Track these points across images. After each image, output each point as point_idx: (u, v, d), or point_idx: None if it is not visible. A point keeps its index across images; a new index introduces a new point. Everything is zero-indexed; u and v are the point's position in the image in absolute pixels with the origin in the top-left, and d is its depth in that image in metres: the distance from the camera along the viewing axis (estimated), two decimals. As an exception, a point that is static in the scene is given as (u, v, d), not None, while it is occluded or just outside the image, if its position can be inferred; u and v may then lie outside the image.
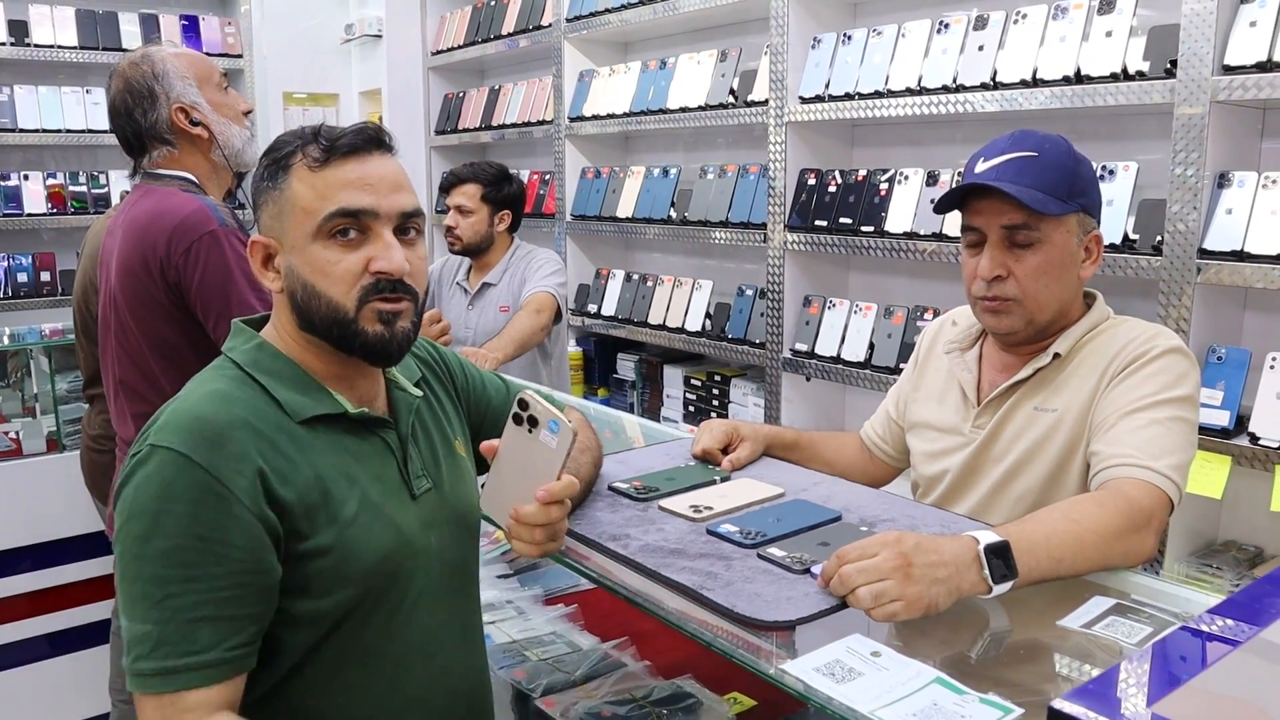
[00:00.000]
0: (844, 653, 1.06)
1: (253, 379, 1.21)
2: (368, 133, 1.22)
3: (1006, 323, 1.58)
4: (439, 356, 1.48)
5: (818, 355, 3.04)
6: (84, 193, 4.56)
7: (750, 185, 3.30)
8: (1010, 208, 1.51)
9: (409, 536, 1.24)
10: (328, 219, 1.18)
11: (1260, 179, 2.12)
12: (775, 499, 1.51)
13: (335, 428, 1.23)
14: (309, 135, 1.22)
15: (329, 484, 1.18)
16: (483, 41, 4.69)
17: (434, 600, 1.29)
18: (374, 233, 1.20)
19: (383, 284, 1.20)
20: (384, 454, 1.27)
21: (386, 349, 1.22)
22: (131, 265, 1.98)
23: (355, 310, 1.19)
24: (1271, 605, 1.06)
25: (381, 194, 1.20)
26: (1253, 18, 2.09)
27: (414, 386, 1.35)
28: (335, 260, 1.19)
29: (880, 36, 2.84)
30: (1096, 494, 1.39)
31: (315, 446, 1.19)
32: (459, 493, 1.35)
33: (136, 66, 2.11)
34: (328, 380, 1.24)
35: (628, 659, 1.78)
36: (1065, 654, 1.16)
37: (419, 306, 1.26)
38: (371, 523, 1.21)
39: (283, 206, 1.21)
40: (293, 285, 1.21)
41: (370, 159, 1.21)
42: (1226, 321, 2.32)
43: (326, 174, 1.19)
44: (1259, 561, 2.29)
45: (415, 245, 1.25)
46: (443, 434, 1.38)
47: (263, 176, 1.24)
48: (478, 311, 3.28)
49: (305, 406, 1.20)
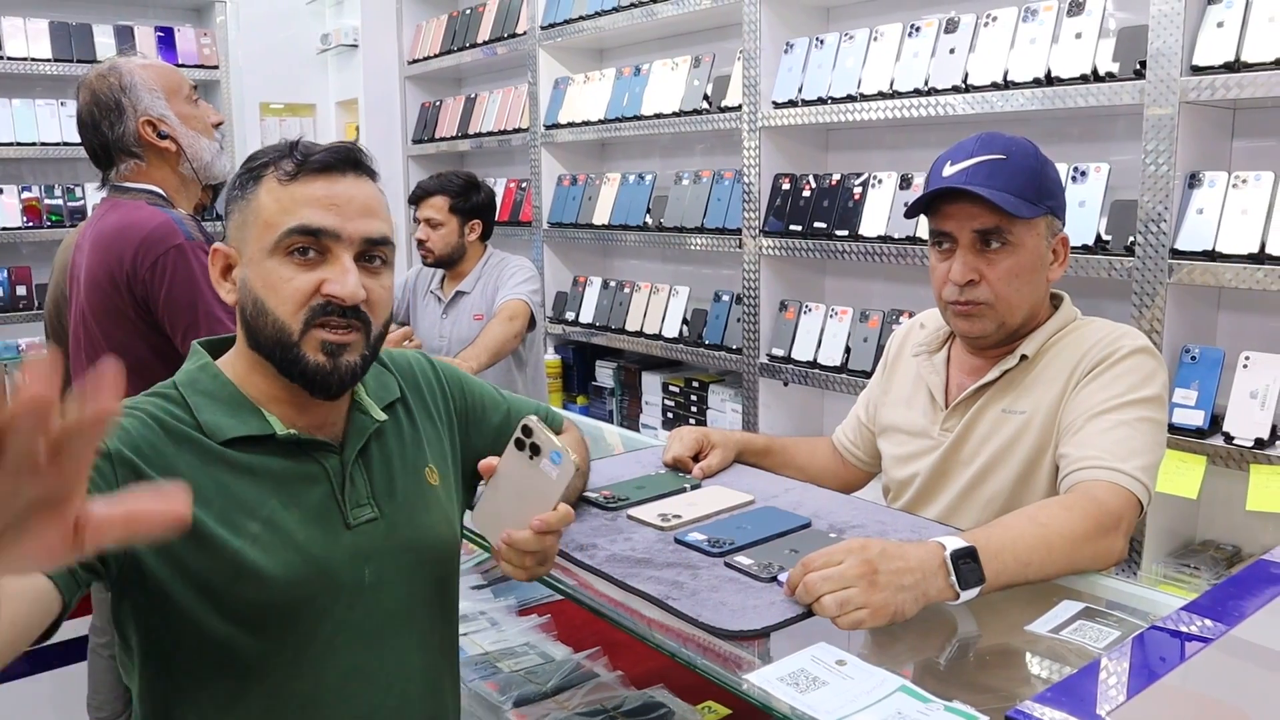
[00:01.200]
0: (809, 661, 1.04)
1: (180, 398, 1.17)
2: (344, 152, 1.18)
3: (979, 326, 1.57)
4: (435, 377, 1.40)
5: (794, 360, 3.03)
6: (60, 206, 4.52)
7: (725, 191, 3.29)
8: (982, 211, 1.50)
9: (326, 567, 1.16)
10: (286, 234, 1.14)
11: (1230, 179, 2.12)
12: (744, 506, 1.50)
13: (264, 450, 1.17)
14: (286, 148, 1.18)
15: (233, 500, 1.13)
16: (459, 50, 4.67)
17: (360, 639, 1.19)
18: (333, 255, 1.15)
19: (332, 308, 1.14)
20: (318, 477, 1.19)
21: (326, 381, 1.15)
22: (98, 280, 1.96)
23: (300, 333, 1.14)
24: (1238, 605, 1.06)
25: (347, 216, 1.15)
26: (1220, 18, 2.10)
27: (382, 409, 1.27)
28: (288, 278, 1.14)
29: (852, 41, 2.84)
30: (1064, 497, 1.38)
31: (230, 465, 1.14)
32: (418, 524, 1.25)
33: (104, 79, 2.09)
34: (270, 401, 1.19)
35: (600, 669, 1.77)
36: (1033, 659, 1.15)
37: (373, 340, 1.19)
38: (273, 544, 1.13)
39: (247, 217, 1.17)
40: (244, 299, 1.17)
41: (342, 179, 1.17)
42: (1200, 321, 2.32)
43: (294, 188, 1.15)
44: (1236, 560, 2.28)
45: (379, 275, 1.19)
46: (407, 461, 1.28)
47: (235, 186, 1.21)
48: (451, 320, 3.27)
49: (227, 428, 1.15)
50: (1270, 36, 2.02)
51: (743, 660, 1.08)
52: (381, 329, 1.20)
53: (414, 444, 1.30)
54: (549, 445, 1.16)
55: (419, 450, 1.30)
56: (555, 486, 1.16)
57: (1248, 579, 1.13)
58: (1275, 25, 2.02)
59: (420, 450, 1.30)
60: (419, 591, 1.25)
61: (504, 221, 4.40)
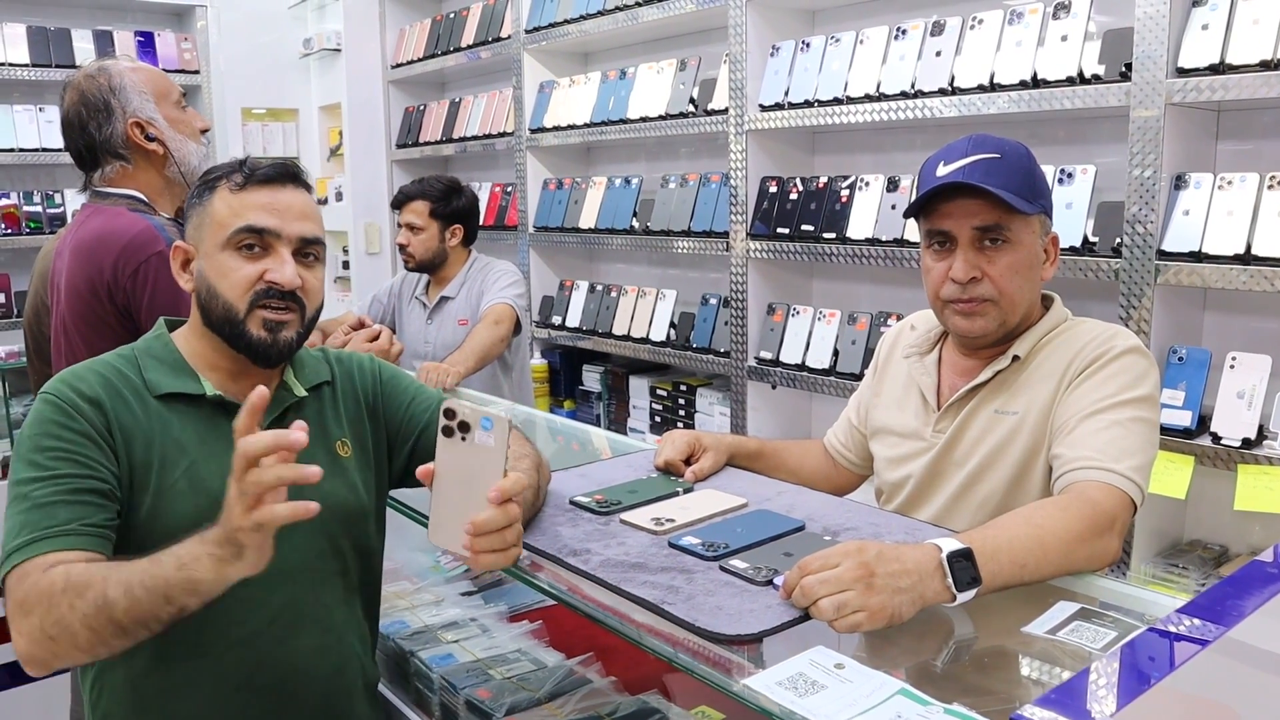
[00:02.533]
0: (807, 665, 1.04)
1: (133, 357, 1.41)
2: (284, 168, 1.44)
3: (980, 324, 1.56)
4: (367, 368, 1.60)
5: (782, 363, 3.03)
6: (39, 212, 4.48)
7: (712, 194, 3.29)
8: (982, 208, 1.50)
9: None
10: (236, 232, 1.39)
11: (1216, 180, 2.13)
12: (738, 510, 1.49)
13: (193, 408, 1.39)
14: (236, 164, 1.44)
15: (158, 446, 1.34)
16: (442, 54, 4.66)
17: (264, 586, 1.26)
18: (274, 250, 1.40)
19: (273, 292, 1.39)
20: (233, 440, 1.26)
21: (268, 352, 1.40)
22: (79, 288, 1.94)
23: (245, 313, 1.38)
24: (1235, 606, 1.06)
25: (286, 220, 1.41)
26: (1204, 21, 2.11)
27: (307, 389, 1.49)
28: (236, 268, 1.39)
29: (838, 44, 2.85)
30: (1059, 498, 1.38)
31: (163, 418, 1.36)
32: (320, 488, 1.22)
33: (93, 79, 2.07)
34: (208, 369, 1.42)
35: (593, 675, 1.75)
36: (1031, 661, 1.15)
37: (307, 320, 1.44)
38: (188, 491, 1.33)
39: (203, 219, 1.42)
40: (200, 286, 1.42)
41: (283, 190, 1.42)
42: (1186, 322, 2.33)
43: (243, 196, 1.41)
44: (1224, 560, 2.30)
45: (313, 268, 1.44)
46: (323, 434, 1.48)
47: (194, 195, 1.46)
48: (436, 325, 3.26)
49: (164, 384, 1.38)
50: (1254, 39, 2.03)
51: (739, 665, 1.07)
52: (314, 313, 1.46)
53: (333, 421, 1.51)
54: (475, 415, 1.17)
55: (337, 426, 1.51)
56: (496, 453, 1.17)
57: (1242, 580, 1.13)
58: (1259, 28, 2.03)
59: (339, 427, 1.51)
60: (318, 545, 1.43)
61: (489, 226, 4.39)
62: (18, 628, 1.16)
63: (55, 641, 1.14)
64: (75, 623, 1.13)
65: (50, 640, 1.14)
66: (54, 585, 1.14)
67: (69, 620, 1.13)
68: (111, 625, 1.13)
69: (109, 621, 1.13)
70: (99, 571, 1.15)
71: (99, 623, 1.13)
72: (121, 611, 1.13)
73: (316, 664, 1.44)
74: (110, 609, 1.13)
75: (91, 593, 1.13)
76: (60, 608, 1.13)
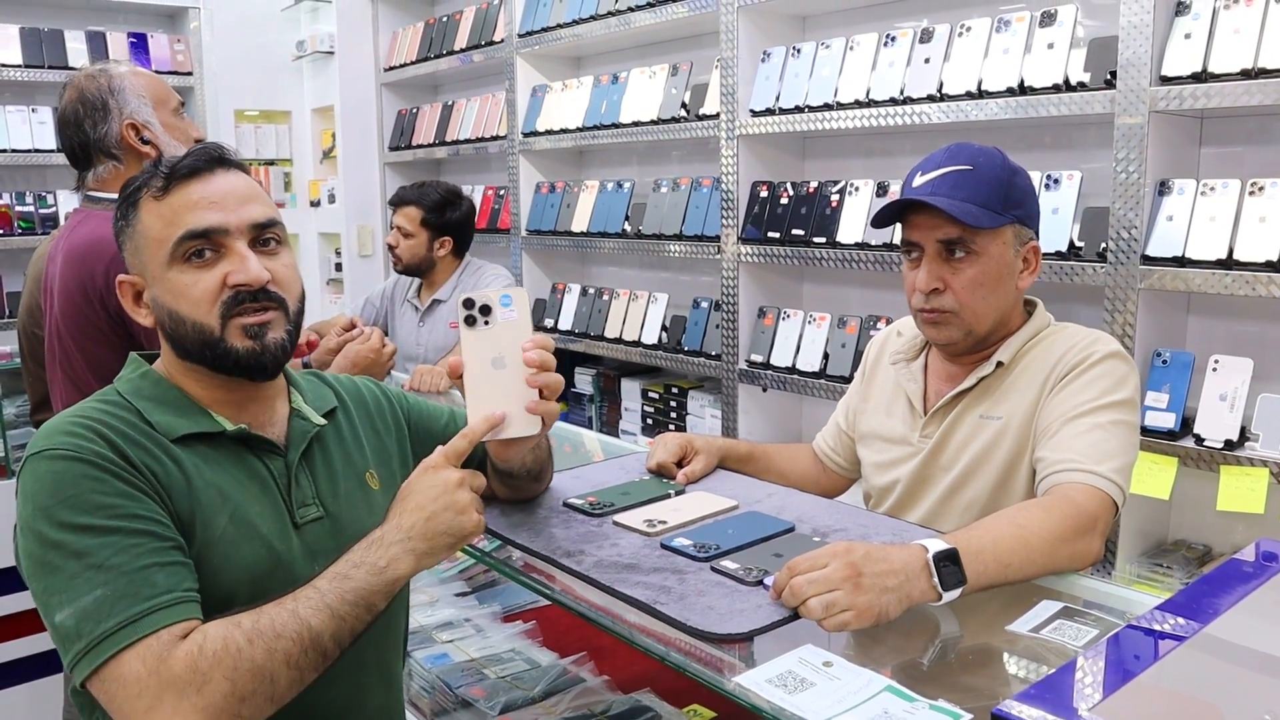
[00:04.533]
0: (796, 663, 1.06)
1: (128, 404, 1.21)
2: (207, 152, 1.24)
3: (945, 334, 1.61)
4: (381, 392, 1.47)
5: (773, 366, 3.06)
6: (31, 213, 4.48)
7: (704, 198, 3.32)
8: (945, 222, 1.54)
9: (287, 563, 1.21)
10: (178, 243, 1.19)
11: (1199, 186, 2.17)
12: (729, 511, 1.52)
13: (214, 448, 1.22)
14: (150, 168, 1.24)
15: (198, 495, 1.17)
16: (435, 57, 4.67)
17: None
18: (228, 249, 1.21)
19: (243, 295, 1.21)
20: (265, 479, 1.25)
21: (260, 361, 1.22)
22: (71, 294, 1.95)
23: (220, 328, 1.20)
24: (1212, 603, 1.08)
25: (229, 209, 1.21)
26: (1187, 30, 2.14)
27: (321, 416, 1.34)
28: (192, 282, 1.20)
29: (829, 50, 2.87)
30: (1042, 499, 1.41)
31: (186, 462, 1.19)
32: (359, 524, 1.27)
33: (93, 79, 2.10)
34: (211, 404, 1.25)
35: (586, 674, 1.78)
36: (1014, 658, 1.18)
37: (293, 315, 1.26)
38: (240, 540, 1.19)
39: (138, 242, 1.23)
40: (160, 316, 1.23)
41: (213, 178, 1.22)
42: (1170, 326, 2.36)
43: (171, 200, 1.21)
44: (1208, 559, 2.33)
45: (278, 254, 1.26)
46: (350, 464, 1.35)
47: (118, 218, 1.26)
48: (428, 328, 3.28)
49: (178, 426, 1.21)
50: (1236, 48, 2.06)
51: (730, 663, 1.10)
52: (297, 305, 1.27)
53: (355, 449, 1.36)
54: (494, 297, 1.25)
55: (360, 455, 1.36)
56: (522, 323, 1.26)
57: (1220, 578, 1.16)
58: (1240, 37, 2.06)
59: (362, 455, 1.37)
60: None
61: (482, 229, 4.40)
62: (181, 708, 1.00)
63: (246, 701, 1.02)
64: (277, 667, 1.04)
65: (240, 702, 1.02)
66: (231, 640, 1.03)
67: (269, 667, 1.04)
68: (318, 654, 1.07)
69: (318, 652, 1.07)
70: (276, 611, 1.07)
71: (307, 658, 1.06)
72: (329, 637, 1.08)
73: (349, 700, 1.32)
74: (318, 639, 1.07)
75: (290, 631, 1.05)
76: (255, 659, 1.03)
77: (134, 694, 1.00)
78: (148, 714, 1.00)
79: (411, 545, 1.13)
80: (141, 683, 1.00)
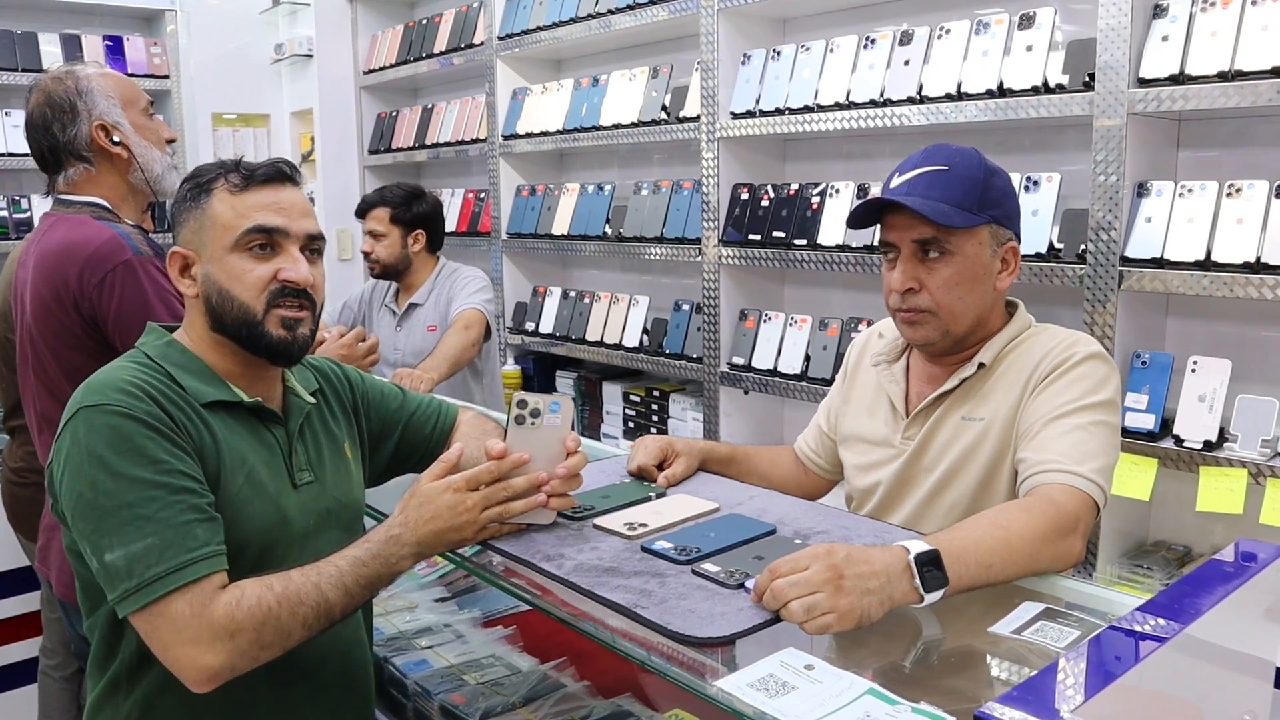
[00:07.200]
0: (777, 666, 1.05)
1: (160, 367, 1.38)
2: (281, 167, 1.45)
3: (922, 333, 1.61)
4: (341, 374, 1.67)
5: (754, 368, 3.06)
6: (5, 217, 4.42)
7: (684, 201, 3.31)
8: (918, 222, 1.54)
9: (289, 517, 1.42)
10: (245, 234, 1.39)
11: (1177, 188, 2.18)
12: (710, 514, 1.51)
13: (232, 416, 1.40)
14: (230, 165, 1.43)
15: (223, 455, 1.36)
16: (415, 60, 4.66)
17: None
18: (283, 249, 1.41)
19: (288, 290, 1.40)
20: (272, 445, 1.44)
21: (288, 350, 1.42)
22: (44, 299, 1.93)
23: (263, 313, 1.39)
24: (1192, 604, 1.08)
25: (292, 218, 1.42)
26: (1164, 32, 2.15)
27: (309, 395, 1.54)
28: (249, 269, 1.39)
29: (809, 52, 2.88)
30: (1024, 500, 1.41)
31: (213, 425, 1.37)
32: (341, 488, 1.53)
33: (60, 81, 2.07)
34: (228, 377, 1.42)
35: (567, 680, 1.76)
36: (997, 660, 1.17)
37: (317, 317, 1.46)
38: (253, 497, 1.37)
39: (203, 223, 1.41)
40: (208, 290, 1.40)
41: (283, 189, 1.44)
42: (1149, 327, 2.37)
43: (245, 197, 1.41)
44: (1187, 560, 2.34)
45: (317, 265, 1.46)
46: (331, 437, 1.55)
47: (185, 197, 1.44)
48: (405, 332, 3.26)
49: (206, 393, 1.38)
50: (1212, 51, 2.08)
51: (712, 667, 1.09)
52: (320, 310, 1.48)
53: (334, 424, 1.58)
54: (544, 402, 1.43)
55: (338, 429, 1.58)
56: (564, 427, 1.44)
57: (1200, 578, 1.16)
58: (1217, 40, 2.08)
59: (339, 429, 1.58)
60: (339, 539, 1.45)
61: (463, 232, 4.39)
62: (215, 648, 1.21)
63: (266, 649, 1.24)
64: (295, 628, 1.25)
65: (261, 649, 1.23)
66: (264, 600, 1.24)
67: (289, 627, 1.25)
68: (328, 621, 1.29)
69: (328, 620, 1.29)
70: (301, 580, 1.27)
71: (319, 623, 1.28)
72: (340, 610, 1.29)
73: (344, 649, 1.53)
74: (330, 610, 1.28)
75: (310, 600, 1.26)
76: (280, 619, 1.24)
77: (178, 628, 1.21)
78: (187, 646, 1.21)
79: (419, 550, 1.35)
80: (185, 621, 1.21)
